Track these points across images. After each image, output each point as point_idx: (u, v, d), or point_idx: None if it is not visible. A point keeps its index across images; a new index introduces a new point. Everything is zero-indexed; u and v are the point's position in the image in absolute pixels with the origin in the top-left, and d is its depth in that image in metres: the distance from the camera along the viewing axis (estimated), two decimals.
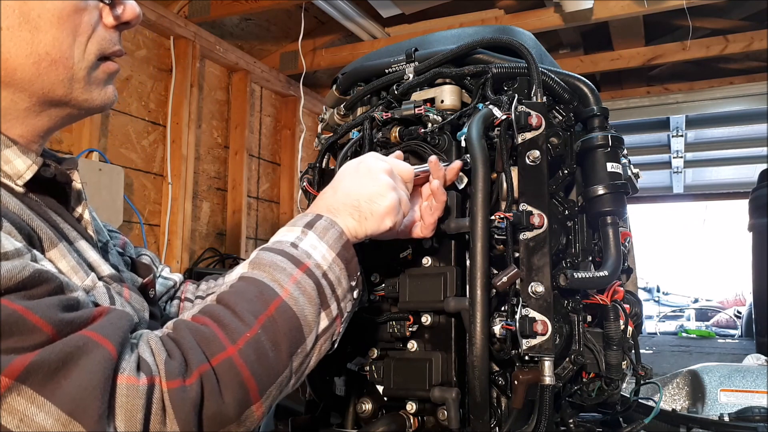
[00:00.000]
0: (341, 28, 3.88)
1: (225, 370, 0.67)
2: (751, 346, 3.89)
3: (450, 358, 0.97)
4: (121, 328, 0.65)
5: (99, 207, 2.86)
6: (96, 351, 0.60)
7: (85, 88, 0.77)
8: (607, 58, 4.24)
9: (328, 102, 1.38)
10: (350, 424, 1.05)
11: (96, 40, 0.77)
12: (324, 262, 0.79)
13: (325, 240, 0.81)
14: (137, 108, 3.42)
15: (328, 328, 0.78)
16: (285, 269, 0.77)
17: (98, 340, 0.61)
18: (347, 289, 0.82)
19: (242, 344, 0.69)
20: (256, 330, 0.70)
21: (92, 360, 0.59)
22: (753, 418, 1.53)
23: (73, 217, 0.82)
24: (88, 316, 0.64)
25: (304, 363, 0.77)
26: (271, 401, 0.72)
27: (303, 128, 4.31)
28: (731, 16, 3.98)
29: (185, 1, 3.62)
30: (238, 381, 0.67)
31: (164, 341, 0.68)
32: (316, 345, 0.77)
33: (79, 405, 0.57)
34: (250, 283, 0.76)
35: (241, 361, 0.68)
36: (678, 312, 8.37)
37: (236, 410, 0.67)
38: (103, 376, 0.59)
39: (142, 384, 0.61)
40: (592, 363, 1.02)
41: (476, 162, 0.95)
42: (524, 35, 1.23)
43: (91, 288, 0.75)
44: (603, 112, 1.09)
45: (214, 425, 0.66)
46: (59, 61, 0.73)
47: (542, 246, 0.95)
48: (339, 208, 0.86)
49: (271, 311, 0.73)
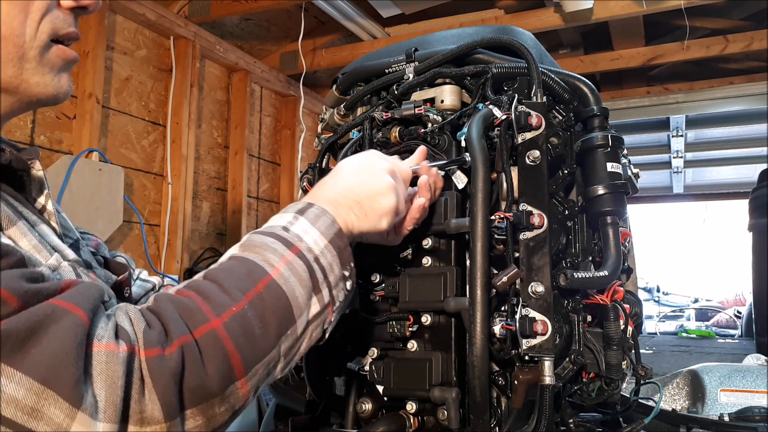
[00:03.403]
0: (341, 28, 3.88)
1: (208, 342, 0.64)
2: (751, 346, 3.89)
3: (450, 358, 0.97)
4: (91, 296, 0.62)
5: (99, 207, 2.86)
6: (66, 318, 0.58)
7: (36, 70, 0.74)
8: (607, 58, 4.24)
9: (328, 102, 1.38)
10: (350, 424, 1.05)
11: (49, 20, 0.74)
12: (316, 247, 0.77)
13: (317, 226, 0.79)
14: (137, 108, 3.42)
15: (319, 314, 0.76)
16: (276, 250, 0.74)
17: (67, 307, 0.59)
18: (339, 277, 0.79)
19: (227, 318, 0.66)
20: (243, 305, 0.68)
21: (62, 326, 0.57)
22: (753, 418, 1.53)
23: (32, 206, 0.80)
24: (56, 287, 0.61)
25: (294, 347, 0.74)
26: (257, 380, 0.69)
27: (303, 128, 4.31)
28: (731, 16, 3.98)
29: (185, 1, 3.62)
30: (222, 354, 0.64)
31: (143, 312, 0.66)
32: (307, 330, 0.75)
33: (52, 372, 0.55)
34: (240, 262, 0.74)
35: (226, 334, 0.65)
36: (678, 312, 8.37)
37: (220, 384, 0.64)
38: (75, 341, 0.57)
39: (122, 351, 0.59)
40: (592, 363, 1.02)
41: (476, 162, 0.95)
42: (524, 35, 1.23)
43: (56, 267, 0.72)
44: (603, 112, 1.09)
45: (197, 399, 0.63)
46: (9, 38, 0.71)
47: (542, 246, 0.95)
48: (340, 202, 0.85)
49: (260, 289, 0.70)
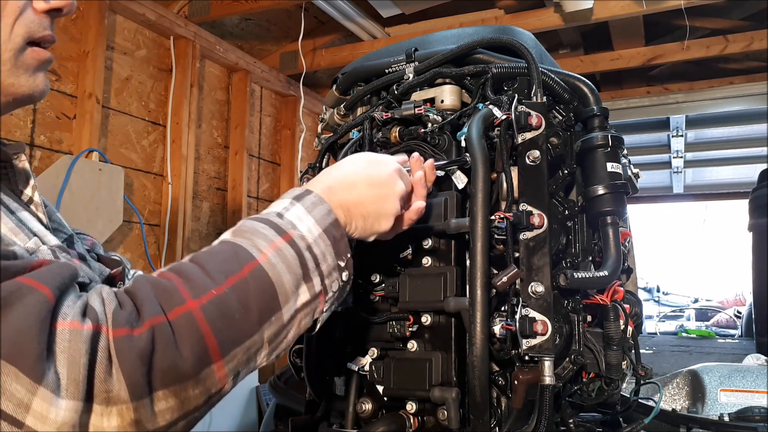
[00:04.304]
0: (341, 28, 3.88)
1: (183, 323, 0.63)
2: (751, 346, 3.88)
3: (450, 358, 0.97)
4: (60, 275, 0.62)
5: (99, 207, 2.86)
6: (31, 295, 0.57)
7: (11, 72, 0.75)
8: (607, 58, 4.24)
9: (328, 102, 1.38)
10: (350, 424, 1.05)
11: (23, 23, 0.75)
12: (309, 235, 0.76)
13: (313, 214, 0.78)
14: (137, 108, 3.42)
15: (309, 302, 0.75)
16: (266, 236, 0.74)
17: (33, 284, 0.58)
18: (333, 267, 0.78)
19: (205, 300, 0.65)
20: (224, 289, 0.67)
21: (26, 304, 0.57)
22: (753, 418, 1.53)
23: (16, 196, 0.80)
24: (25, 265, 0.61)
25: (280, 335, 0.72)
26: (236, 365, 0.68)
27: (303, 128, 4.31)
28: (731, 16, 3.98)
29: (185, 1, 3.62)
30: (196, 336, 0.63)
31: (118, 293, 0.65)
32: (295, 318, 0.73)
33: (13, 348, 0.55)
34: (228, 246, 0.73)
35: (202, 316, 0.64)
36: (678, 312, 8.37)
37: (194, 366, 0.63)
38: (38, 318, 0.57)
39: (86, 329, 0.59)
40: (592, 363, 1.02)
41: (476, 162, 0.95)
42: (524, 35, 1.23)
43: (35, 250, 0.71)
44: (603, 112, 1.09)
45: (168, 380, 0.62)
46: None
47: (542, 246, 0.95)
48: (353, 212, 0.84)
49: (244, 273, 0.69)
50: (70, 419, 0.57)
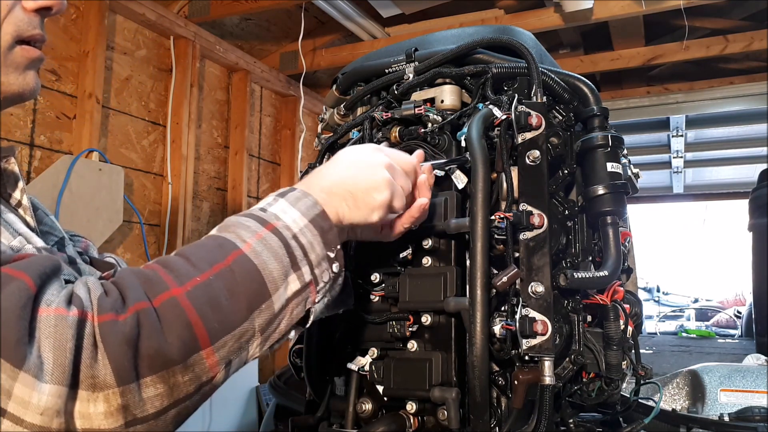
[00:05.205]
0: (341, 28, 3.88)
1: (168, 309, 0.63)
2: (751, 346, 3.88)
3: (450, 358, 0.97)
4: (42, 265, 0.62)
5: (99, 207, 2.86)
6: (10, 284, 0.58)
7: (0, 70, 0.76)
8: (607, 58, 4.24)
9: (328, 102, 1.38)
10: (350, 424, 1.05)
11: (12, 22, 0.76)
12: (294, 225, 0.76)
13: (297, 207, 0.78)
14: (137, 108, 3.42)
15: (299, 291, 0.74)
16: (249, 227, 0.73)
17: (13, 274, 0.58)
18: (322, 257, 0.77)
19: (190, 287, 0.65)
20: (208, 276, 0.66)
21: (6, 291, 0.57)
22: (753, 418, 1.53)
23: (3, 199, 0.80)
24: (7, 257, 0.61)
25: (272, 324, 0.72)
26: (227, 353, 0.67)
27: (303, 128, 4.31)
28: (731, 16, 3.98)
29: (185, 1, 3.62)
30: (183, 321, 0.63)
31: (103, 282, 0.65)
32: (287, 307, 0.73)
33: None
34: (211, 239, 0.73)
35: (188, 302, 0.64)
36: (678, 312, 8.37)
37: (181, 352, 0.63)
38: (18, 304, 0.57)
39: (72, 315, 0.59)
40: (592, 363, 1.02)
41: (476, 162, 0.95)
42: (524, 35, 1.23)
43: (19, 249, 0.71)
44: (603, 112, 1.09)
45: (155, 365, 0.61)
46: None
47: (542, 246, 0.95)
48: (333, 191, 0.83)
49: (229, 262, 0.69)
50: (54, 404, 0.57)
